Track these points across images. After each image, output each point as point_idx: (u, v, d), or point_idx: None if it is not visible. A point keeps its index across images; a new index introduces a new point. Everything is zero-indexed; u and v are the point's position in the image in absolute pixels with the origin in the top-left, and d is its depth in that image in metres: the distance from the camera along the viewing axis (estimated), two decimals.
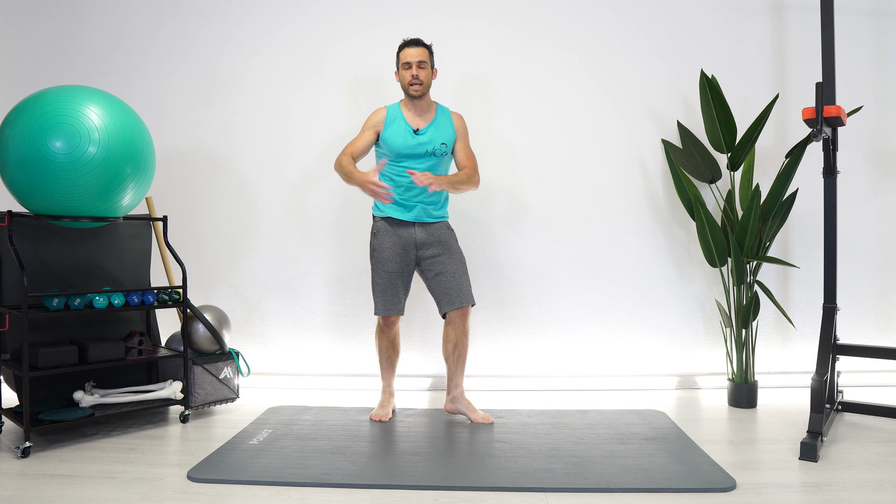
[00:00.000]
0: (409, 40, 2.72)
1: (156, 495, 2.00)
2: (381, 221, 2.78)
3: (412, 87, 2.69)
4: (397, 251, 2.74)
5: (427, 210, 2.77)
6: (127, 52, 3.52)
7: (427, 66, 2.71)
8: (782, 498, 1.95)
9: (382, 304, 2.75)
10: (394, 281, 2.74)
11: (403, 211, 2.75)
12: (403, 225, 2.76)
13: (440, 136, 2.75)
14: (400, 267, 2.75)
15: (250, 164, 3.49)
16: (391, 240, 2.74)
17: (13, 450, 2.40)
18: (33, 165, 2.34)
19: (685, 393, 3.30)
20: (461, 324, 2.76)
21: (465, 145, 2.82)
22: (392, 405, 2.91)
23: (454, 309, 2.73)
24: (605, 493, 2.01)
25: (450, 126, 2.80)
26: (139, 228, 3.01)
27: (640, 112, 3.41)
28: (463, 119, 2.86)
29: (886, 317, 3.37)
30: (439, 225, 2.81)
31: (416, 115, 2.75)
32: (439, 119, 2.78)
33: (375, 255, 2.77)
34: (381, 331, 2.83)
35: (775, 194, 2.97)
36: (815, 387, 2.38)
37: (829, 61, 2.69)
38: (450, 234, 2.82)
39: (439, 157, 2.76)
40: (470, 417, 2.78)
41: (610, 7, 3.41)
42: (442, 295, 2.74)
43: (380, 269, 2.75)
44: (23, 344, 2.32)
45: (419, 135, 2.72)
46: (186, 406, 2.79)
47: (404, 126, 2.72)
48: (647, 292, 3.41)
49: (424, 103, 2.76)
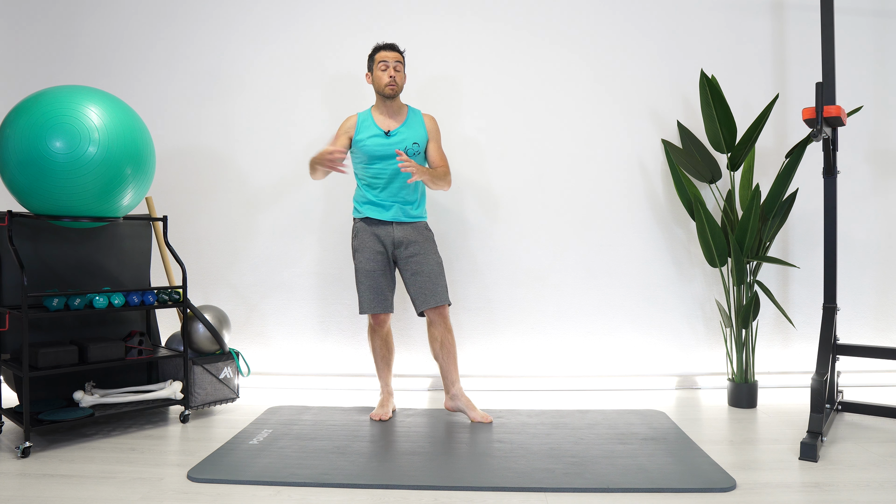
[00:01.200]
0: (386, 44, 2.81)
1: (156, 495, 2.00)
2: (360, 222, 2.84)
3: (388, 87, 2.76)
4: (376, 250, 2.80)
5: (404, 210, 2.82)
6: (127, 52, 3.53)
7: (402, 68, 2.80)
8: (782, 498, 1.95)
9: (367, 302, 2.79)
10: (376, 279, 2.78)
11: (381, 210, 2.80)
12: (381, 224, 2.81)
13: (412, 136, 2.81)
14: (381, 265, 2.80)
15: (250, 164, 3.49)
16: (370, 239, 2.80)
17: (13, 450, 2.40)
18: (33, 165, 2.34)
19: (685, 393, 3.30)
20: (442, 322, 2.80)
21: (438, 146, 2.89)
22: (392, 404, 2.92)
23: (431, 308, 2.77)
24: (605, 493, 2.01)
25: (421, 127, 2.86)
26: (139, 228, 3.01)
27: (640, 112, 3.41)
28: (435, 121, 2.92)
29: (886, 317, 3.37)
30: (417, 225, 2.85)
31: (387, 116, 2.82)
32: (411, 120, 2.85)
33: (356, 256, 2.82)
34: (373, 330, 2.88)
35: (775, 194, 2.97)
36: (815, 387, 2.38)
37: (829, 61, 2.69)
38: (427, 235, 2.86)
39: (411, 156, 2.81)
40: (469, 416, 2.79)
41: (610, 7, 3.41)
42: (418, 294, 2.78)
43: (361, 269, 2.80)
44: (23, 344, 2.32)
45: (391, 136, 2.78)
46: (186, 406, 2.79)
47: (375, 129, 2.79)
48: (647, 292, 3.41)
49: (396, 105, 2.83)
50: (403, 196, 2.81)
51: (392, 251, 2.82)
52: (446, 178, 2.82)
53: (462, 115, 3.42)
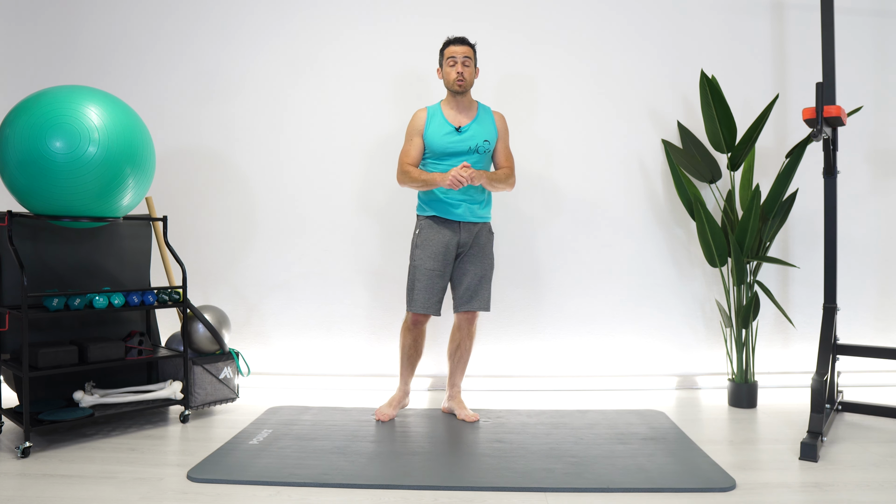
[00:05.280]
0: (455, 38, 2.72)
1: (156, 495, 2.00)
2: (427, 220, 2.75)
3: (457, 83, 2.68)
4: (440, 250, 2.71)
5: (472, 210, 2.74)
6: (127, 52, 3.52)
7: (471, 63, 2.71)
8: (782, 498, 1.95)
9: (421, 301, 2.69)
10: (434, 280, 2.70)
11: (449, 209, 2.72)
12: (448, 224, 2.73)
13: (483, 133, 2.74)
14: (442, 266, 2.71)
15: (250, 164, 3.49)
16: (435, 238, 2.71)
17: (13, 450, 2.40)
18: (33, 165, 2.34)
19: (685, 393, 3.30)
20: (468, 327, 2.78)
21: (506, 145, 2.82)
22: (404, 404, 2.91)
23: (466, 311, 2.74)
24: (605, 492, 2.01)
25: (492, 124, 2.79)
26: (139, 228, 3.01)
27: (640, 112, 3.41)
28: (505, 119, 2.86)
29: (886, 317, 3.37)
30: (482, 226, 2.79)
31: (458, 112, 2.74)
32: (481, 116, 2.77)
33: (417, 252, 2.73)
34: (408, 328, 2.80)
35: (775, 194, 2.97)
36: (816, 387, 2.38)
37: (829, 61, 2.69)
38: (488, 238, 2.82)
39: (482, 153, 2.74)
40: (457, 414, 2.82)
41: (610, 7, 3.41)
42: (462, 293, 2.74)
43: (421, 266, 2.71)
44: (23, 344, 2.32)
45: (461, 132, 2.71)
46: (186, 406, 2.79)
47: (445, 124, 2.71)
48: (647, 292, 3.41)
49: (466, 101, 2.75)
50: (472, 195, 2.73)
51: (456, 251, 2.75)
52: (509, 180, 2.74)
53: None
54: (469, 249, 2.75)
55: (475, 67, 2.75)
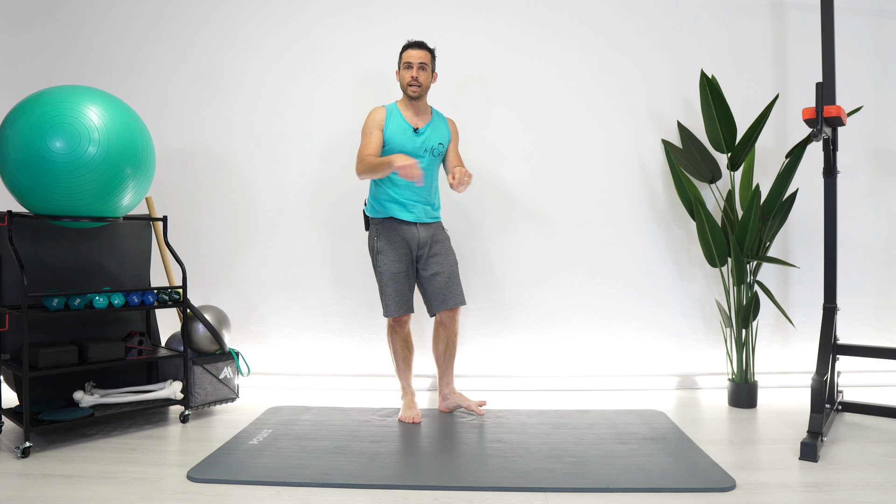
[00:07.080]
0: (413, 42, 2.75)
1: (156, 495, 2.00)
2: (383, 222, 2.78)
3: (410, 88, 2.72)
4: (403, 252, 2.76)
5: (427, 210, 2.81)
6: (127, 52, 3.52)
7: (427, 68, 2.74)
8: (782, 498, 1.95)
9: (394, 305, 2.74)
10: (402, 282, 2.75)
11: (405, 211, 2.75)
12: (405, 225, 2.77)
13: (437, 137, 2.80)
14: (406, 267, 2.77)
15: (250, 164, 3.49)
16: (396, 241, 2.75)
17: (13, 450, 2.40)
18: (33, 165, 2.34)
19: (685, 393, 3.30)
20: (451, 324, 2.81)
21: (456, 148, 2.90)
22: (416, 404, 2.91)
23: (447, 309, 2.75)
24: (605, 492, 2.01)
25: (445, 128, 2.86)
26: (139, 228, 3.01)
27: (640, 112, 3.41)
28: (456, 125, 2.95)
29: (886, 317, 3.37)
30: (436, 225, 2.86)
31: (414, 114, 2.79)
32: (435, 121, 2.84)
33: (380, 258, 2.76)
34: (394, 331, 2.83)
35: (775, 194, 2.97)
36: (816, 387, 2.38)
37: (829, 61, 2.69)
38: (445, 235, 2.88)
39: (436, 156, 2.81)
40: (465, 406, 2.83)
41: (610, 7, 3.41)
42: (436, 295, 2.77)
43: (387, 272, 2.74)
44: (23, 344, 2.32)
45: (419, 134, 2.75)
46: (186, 406, 2.79)
47: (404, 125, 2.75)
48: (647, 292, 3.41)
49: (422, 105, 2.80)
50: (426, 196, 2.78)
51: (416, 252, 2.79)
52: None
53: (462, 115, 3.41)
54: (430, 249, 2.79)
55: (433, 72, 2.78)
